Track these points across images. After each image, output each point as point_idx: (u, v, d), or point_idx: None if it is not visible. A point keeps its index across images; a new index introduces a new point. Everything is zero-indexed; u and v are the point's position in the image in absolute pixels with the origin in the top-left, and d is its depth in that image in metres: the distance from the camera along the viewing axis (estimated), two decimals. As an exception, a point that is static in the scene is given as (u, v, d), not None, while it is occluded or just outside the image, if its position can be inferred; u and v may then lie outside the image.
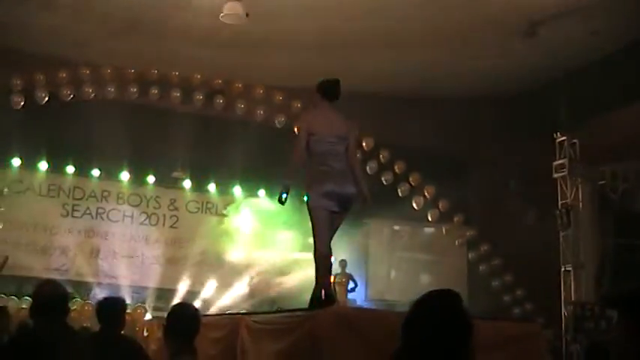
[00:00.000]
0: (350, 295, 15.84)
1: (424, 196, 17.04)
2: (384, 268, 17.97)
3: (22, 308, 12.72)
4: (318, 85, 6.72)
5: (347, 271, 15.69)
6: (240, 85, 16.26)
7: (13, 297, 13.82)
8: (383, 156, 16.80)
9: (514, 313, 16.18)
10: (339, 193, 6.20)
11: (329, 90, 6.62)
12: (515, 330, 5.05)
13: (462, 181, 15.86)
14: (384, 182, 16.85)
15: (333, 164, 6.26)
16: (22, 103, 14.89)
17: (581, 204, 14.54)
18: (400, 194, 16.97)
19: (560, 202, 14.60)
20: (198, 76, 16.04)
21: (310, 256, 5.66)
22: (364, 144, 16.64)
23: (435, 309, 2.61)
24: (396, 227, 18.21)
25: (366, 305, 16.00)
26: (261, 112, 16.31)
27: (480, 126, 15.80)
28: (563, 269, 14.37)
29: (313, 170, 6.30)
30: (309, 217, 6.32)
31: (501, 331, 4.88)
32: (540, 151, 14.69)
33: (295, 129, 6.86)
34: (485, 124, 15.86)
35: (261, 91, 16.31)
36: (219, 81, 16.17)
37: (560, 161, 14.42)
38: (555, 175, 14.56)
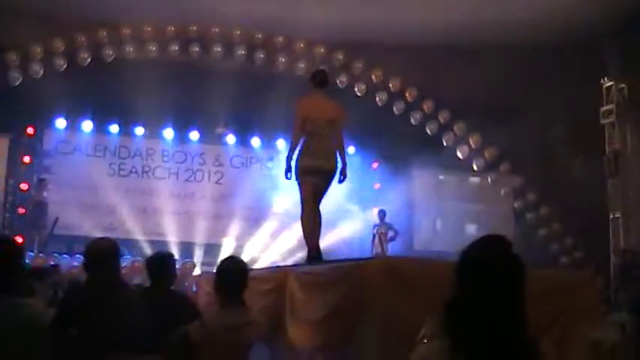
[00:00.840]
0: (392, 246, 15.82)
1: (469, 145, 16.87)
2: (430, 218, 17.92)
3: (74, 266, 12.94)
4: (310, 75, 7.73)
5: (388, 221, 15.61)
6: (280, 40, 16.14)
7: (65, 255, 14.06)
8: (427, 106, 16.63)
9: (562, 262, 16.05)
10: (321, 168, 7.19)
11: (319, 80, 7.52)
12: (566, 278, 4.98)
13: (508, 130, 15.62)
14: (429, 132, 16.71)
15: (322, 144, 7.24)
16: (65, 66, 14.98)
17: (629, 150, 14.28)
18: (445, 144, 16.82)
19: (607, 149, 14.35)
20: (238, 32, 15.96)
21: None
22: (407, 95, 16.49)
23: (487, 254, 2.56)
24: (442, 177, 18.10)
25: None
26: (302, 65, 16.18)
27: (526, 74, 15.49)
28: (611, 217, 14.18)
29: (304, 147, 7.19)
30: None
31: (552, 280, 4.81)
32: (588, 97, 14.41)
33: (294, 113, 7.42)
34: (531, 71, 15.55)
35: (302, 45, 16.18)
36: (260, 36, 16.07)
37: (608, 107, 14.17)
38: (603, 122, 14.31)
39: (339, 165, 7.30)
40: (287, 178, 7.31)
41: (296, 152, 7.23)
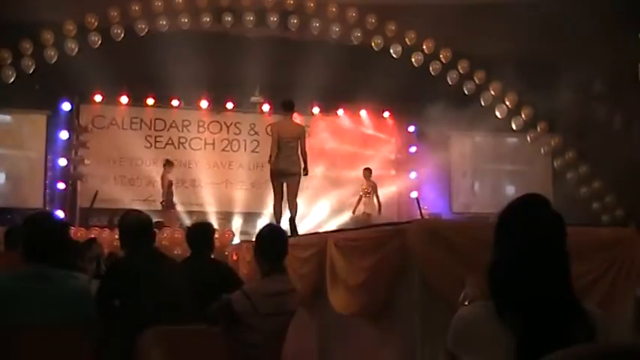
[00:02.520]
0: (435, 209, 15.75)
1: (506, 105, 16.69)
2: (468, 180, 17.81)
3: (115, 239, 13.10)
4: (281, 104, 10.61)
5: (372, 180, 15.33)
6: (312, 4, 16.02)
7: (105, 229, 14.23)
8: (462, 67, 16.45)
9: (603, 220, 15.90)
10: (288, 172, 9.94)
11: (288, 107, 10.33)
12: (608, 236, 4.91)
13: (545, 88, 15.40)
14: (466, 92, 16.53)
15: (289, 154, 9.90)
16: (99, 41, 15.06)
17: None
18: (482, 104, 16.65)
19: (647, 104, 14.11)
20: (270, -1, 15.90)
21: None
22: (442, 55, 16.31)
23: (525, 213, 2.53)
24: (479, 138, 17.94)
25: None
26: (336, 29, 16.07)
27: (562, 30, 15.24)
28: (653, 173, 13.98)
29: (277, 157, 9.89)
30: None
31: (594, 238, 4.75)
32: (627, 53, 14.13)
33: (269, 130, 11.03)
34: (567, 27, 15.29)
35: (335, 9, 16.05)
36: (291, 2, 15.98)
37: (648, 60, 13.87)
38: (642, 76, 14.04)
39: (301, 167, 9.99)
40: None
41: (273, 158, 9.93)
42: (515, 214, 2.55)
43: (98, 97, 16.39)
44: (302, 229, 13.34)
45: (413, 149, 17.60)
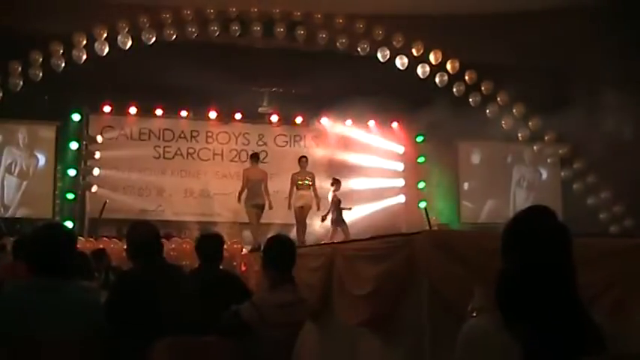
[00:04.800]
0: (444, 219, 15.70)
1: (513, 115, 16.69)
2: (475, 190, 17.78)
3: (124, 249, 13.13)
4: (250, 156, 14.48)
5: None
6: (320, 16, 16.08)
7: (114, 239, 14.26)
8: (469, 77, 16.47)
9: (612, 230, 15.86)
10: (258, 204, 13.44)
11: (255, 159, 13.96)
12: (616, 246, 4.90)
13: (552, 98, 15.42)
14: (472, 104, 16.55)
15: (258, 192, 13.43)
16: (107, 51, 15.14)
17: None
18: (489, 114, 16.65)
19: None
20: (277, 10, 15.94)
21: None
22: (449, 66, 16.34)
23: (531, 225, 2.55)
24: (486, 148, 17.93)
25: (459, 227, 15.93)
26: (344, 40, 16.12)
27: (570, 40, 15.24)
28: (662, 183, 13.94)
29: (248, 194, 13.46)
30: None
31: (602, 248, 4.74)
32: (636, 63, 14.11)
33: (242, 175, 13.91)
34: (575, 37, 15.30)
35: (342, 20, 16.10)
36: (298, 13, 16.04)
37: (657, 69, 13.83)
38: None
39: (267, 200, 13.60)
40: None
41: (244, 195, 13.55)
42: (521, 226, 2.57)
43: (107, 108, 16.46)
44: (311, 241, 13.39)
45: (421, 159, 17.58)
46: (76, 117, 16.31)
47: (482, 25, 15.30)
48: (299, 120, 17.47)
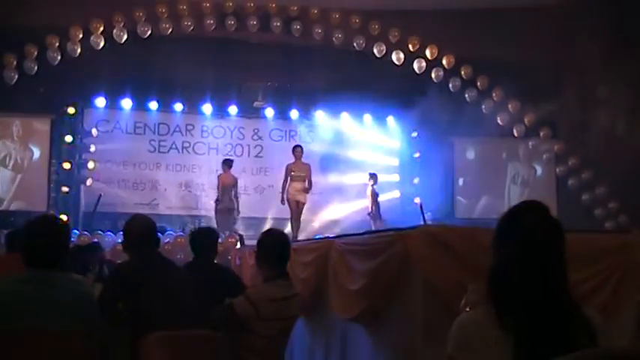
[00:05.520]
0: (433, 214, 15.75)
1: (509, 110, 16.70)
2: (470, 186, 17.80)
3: (118, 243, 13.12)
4: (223, 162, 15.04)
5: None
6: (316, 10, 16.07)
7: (109, 233, 14.26)
8: (465, 72, 16.47)
9: (607, 226, 15.89)
10: (228, 207, 14.54)
11: (227, 165, 14.80)
12: (611, 242, 4.90)
13: (548, 94, 15.44)
14: (468, 99, 16.56)
15: (229, 195, 14.57)
16: (102, 44, 15.11)
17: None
18: (484, 110, 16.66)
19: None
20: (274, 5, 15.92)
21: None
22: (445, 61, 16.34)
23: (524, 220, 2.56)
24: (482, 144, 17.94)
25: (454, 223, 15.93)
26: (339, 35, 16.11)
27: (565, 35, 15.26)
28: (656, 179, 13.96)
29: (220, 197, 14.54)
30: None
31: (596, 244, 4.75)
32: (630, 59, 14.13)
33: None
34: (570, 33, 15.32)
35: (338, 15, 16.10)
36: (295, 8, 16.02)
37: (650, 67, 13.84)
38: (645, 82, 14.02)
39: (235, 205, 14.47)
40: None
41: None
42: (514, 221, 2.58)
43: (102, 102, 16.40)
44: (306, 235, 13.41)
45: (416, 155, 17.59)
46: (70, 110, 16.26)
47: (478, 20, 15.31)
48: (294, 114, 17.45)
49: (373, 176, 15.11)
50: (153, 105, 16.77)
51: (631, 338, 3.95)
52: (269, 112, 17.33)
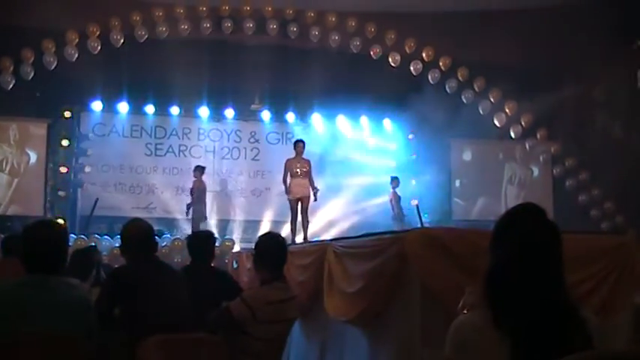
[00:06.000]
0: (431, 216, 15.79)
1: (506, 112, 16.71)
2: (467, 187, 17.81)
3: (115, 247, 13.12)
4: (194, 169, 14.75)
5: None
6: (312, 13, 16.07)
7: (105, 236, 14.25)
8: (462, 74, 16.48)
9: (603, 227, 15.91)
10: (203, 214, 14.45)
11: (200, 171, 14.51)
12: (607, 243, 4.92)
13: (545, 95, 15.45)
14: (464, 101, 16.57)
15: (202, 202, 14.41)
16: (99, 48, 15.11)
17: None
18: (481, 112, 16.67)
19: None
20: (270, 8, 15.92)
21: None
22: (441, 63, 16.35)
23: (520, 223, 2.56)
24: (478, 146, 17.97)
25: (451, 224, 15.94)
26: (336, 37, 16.12)
27: (562, 37, 15.28)
28: (652, 180, 13.98)
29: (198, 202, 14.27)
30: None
31: (593, 245, 4.76)
32: (627, 60, 14.17)
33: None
34: (566, 35, 15.34)
35: (334, 18, 16.10)
36: (291, 11, 16.02)
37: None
38: (640, 84, 14.06)
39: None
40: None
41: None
42: (511, 223, 2.58)
43: (99, 105, 16.39)
44: (301, 238, 13.38)
45: (413, 156, 17.60)
46: (67, 114, 16.25)
47: (475, 22, 15.32)
48: (291, 117, 17.45)
49: (395, 179, 15.41)
50: (149, 108, 16.77)
51: (627, 340, 3.96)
52: (265, 114, 17.33)
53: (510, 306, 2.41)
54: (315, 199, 12.74)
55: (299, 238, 12.33)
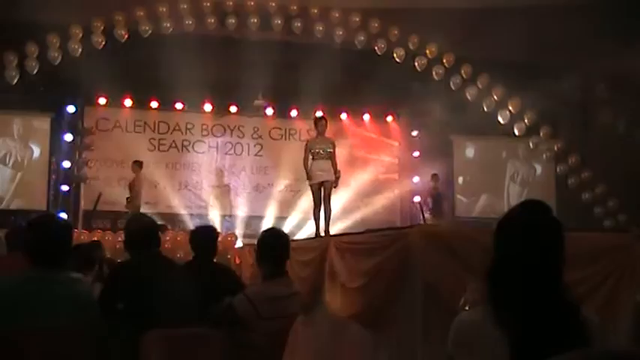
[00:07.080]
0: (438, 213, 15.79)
1: (509, 109, 16.68)
2: (470, 184, 17.80)
3: (118, 241, 13.13)
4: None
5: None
6: (316, 9, 16.05)
7: (108, 231, 14.26)
8: (465, 71, 16.45)
9: (606, 225, 15.88)
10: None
11: (136, 165, 14.61)
12: (610, 241, 4.92)
13: (548, 93, 15.42)
14: (468, 97, 16.53)
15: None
16: (103, 43, 15.11)
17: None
18: (485, 109, 16.64)
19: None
20: (274, 4, 15.90)
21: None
22: (445, 60, 16.32)
23: (524, 220, 2.56)
24: (481, 143, 17.95)
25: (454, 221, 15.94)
26: (340, 33, 16.09)
27: (565, 34, 15.24)
28: (656, 178, 13.97)
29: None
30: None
31: (596, 243, 4.76)
32: (630, 58, 14.12)
33: None
34: (569, 32, 15.31)
35: (338, 14, 16.08)
36: (295, 7, 16.00)
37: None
38: (645, 80, 14.03)
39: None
40: None
41: None
42: (514, 220, 2.58)
43: (102, 100, 16.42)
44: (304, 234, 13.37)
45: (416, 154, 17.58)
46: (70, 109, 16.27)
47: (479, 18, 15.27)
48: (294, 113, 17.43)
49: (434, 175, 15.59)
50: (153, 104, 16.78)
51: (629, 338, 3.96)
52: (269, 110, 17.31)
53: (512, 303, 2.41)
54: (336, 185, 10.71)
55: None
